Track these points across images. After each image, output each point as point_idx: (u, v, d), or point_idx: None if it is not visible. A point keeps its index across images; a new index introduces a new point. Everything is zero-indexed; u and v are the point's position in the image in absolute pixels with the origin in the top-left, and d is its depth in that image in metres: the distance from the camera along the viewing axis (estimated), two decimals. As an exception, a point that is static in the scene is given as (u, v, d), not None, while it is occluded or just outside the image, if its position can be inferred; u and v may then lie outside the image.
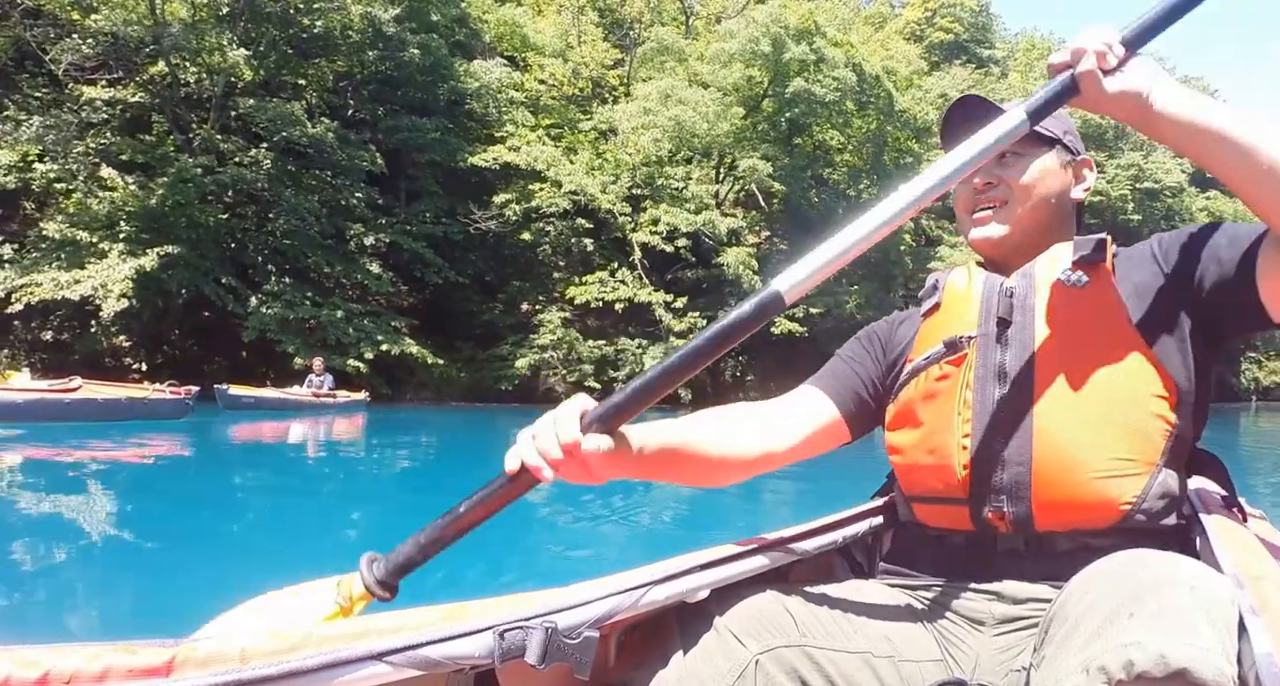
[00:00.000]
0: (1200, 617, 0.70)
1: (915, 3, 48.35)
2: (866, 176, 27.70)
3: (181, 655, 0.71)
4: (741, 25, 24.35)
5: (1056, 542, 1.10)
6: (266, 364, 19.70)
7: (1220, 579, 0.79)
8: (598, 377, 22.78)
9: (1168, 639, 0.68)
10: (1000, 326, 1.17)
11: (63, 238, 16.95)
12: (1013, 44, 54.21)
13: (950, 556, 1.19)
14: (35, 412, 8.48)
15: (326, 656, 0.76)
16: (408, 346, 19.89)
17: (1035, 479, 1.09)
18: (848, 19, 32.75)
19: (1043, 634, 0.85)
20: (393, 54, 21.17)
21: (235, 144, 19.58)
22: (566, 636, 0.91)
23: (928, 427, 1.20)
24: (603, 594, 0.97)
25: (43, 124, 17.37)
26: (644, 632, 1.11)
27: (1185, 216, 44.83)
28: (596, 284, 22.86)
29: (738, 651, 1.00)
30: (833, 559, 1.40)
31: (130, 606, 3.33)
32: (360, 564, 1.03)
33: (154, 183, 17.78)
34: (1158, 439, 1.07)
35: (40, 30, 18.57)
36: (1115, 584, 0.78)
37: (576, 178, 22.43)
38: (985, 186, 1.26)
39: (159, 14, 18.21)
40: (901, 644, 1.09)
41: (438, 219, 22.51)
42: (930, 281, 1.34)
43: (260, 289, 19.31)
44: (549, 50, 26.52)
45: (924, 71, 32.23)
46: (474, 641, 0.85)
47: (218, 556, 4.07)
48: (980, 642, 1.10)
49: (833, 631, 1.06)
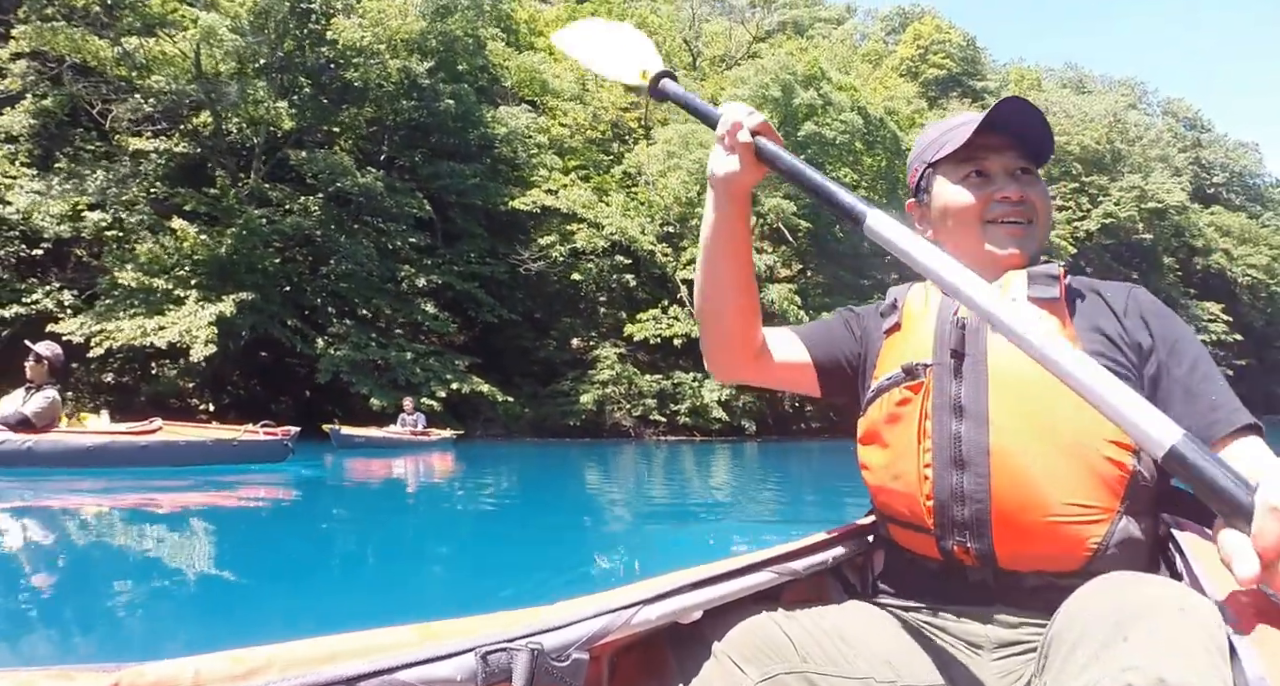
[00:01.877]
0: (1194, 640, 0.70)
1: (907, 40, 50.29)
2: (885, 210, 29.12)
3: (126, 680, 0.65)
4: (752, 72, 26.01)
5: (1024, 579, 1.09)
6: (332, 404, 20.16)
7: (1207, 602, 0.78)
8: (660, 411, 23.65)
9: (1166, 662, 0.67)
10: (955, 358, 1.16)
11: (139, 285, 17.90)
12: (1003, 75, 56.04)
13: (931, 580, 1.18)
14: (110, 457, 7.83)
15: (290, 681, 0.71)
16: (477, 385, 20.75)
17: (995, 516, 1.07)
18: (846, 57, 34.66)
19: (1042, 659, 0.83)
20: (428, 104, 22.42)
21: (283, 192, 20.66)
22: (554, 658, 0.86)
23: (893, 451, 1.19)
24: (592, 612, 0.92)
25: (107, 177, 18.52)
26: (637, 656, 1.07)
27: (1194, 232, 46.86)
28: (651, 321, 23.93)
29: (738, 679, 0.99)
30: (825, 579, 1.36)
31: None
32: (656, 70, 1.36)
33: (222, 232, 18.86)
34: (1116, 485, 1.05)
35: (90, 86, 19.77)
36: (1108, 608, 0.77)
37: (615, 220, 23.77)
38: (1020, 199, 1.23)
39: (204, 70, 19.46)
40: (902, 668, 1.08)
41: (482, 259, 23.50)
42: (890, 298, 1.32)
43: (325, 331, 20.26)
44: (567, 94, 27.84)
45: (924, 110, 33.88)
46: (454, 664, 0.80)
47: (374, 592, 3.93)
48: (980, 667, 1.08)
49: (833, 656, 1.05)
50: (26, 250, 18.67)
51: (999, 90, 50.05)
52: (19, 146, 19.00)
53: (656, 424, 23.91)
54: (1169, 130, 57.90)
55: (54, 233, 18.31)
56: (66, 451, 7.60)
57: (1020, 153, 1.23)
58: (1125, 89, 63.91)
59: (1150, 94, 67.19)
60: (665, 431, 23.99)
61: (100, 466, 7.75)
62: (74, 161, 19.31)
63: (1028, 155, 1.23)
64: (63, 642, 2.72)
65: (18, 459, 7.32)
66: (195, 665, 0.69)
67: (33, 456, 7.37)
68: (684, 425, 23.87)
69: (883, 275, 29.88)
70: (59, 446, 7.57)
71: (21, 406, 7.55)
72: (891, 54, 49.12)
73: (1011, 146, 1.23)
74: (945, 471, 1.11)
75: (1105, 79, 66.64)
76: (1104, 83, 65.32)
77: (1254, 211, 59.78)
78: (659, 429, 23.99)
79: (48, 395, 7.66)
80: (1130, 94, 62.60)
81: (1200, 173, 58.49)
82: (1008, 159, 1.23)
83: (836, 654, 1.05)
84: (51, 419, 7.67)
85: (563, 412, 22.91)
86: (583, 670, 0.88)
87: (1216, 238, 49.71)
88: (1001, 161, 1.23)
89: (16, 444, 7.30)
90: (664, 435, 23.87)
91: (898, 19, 57.83)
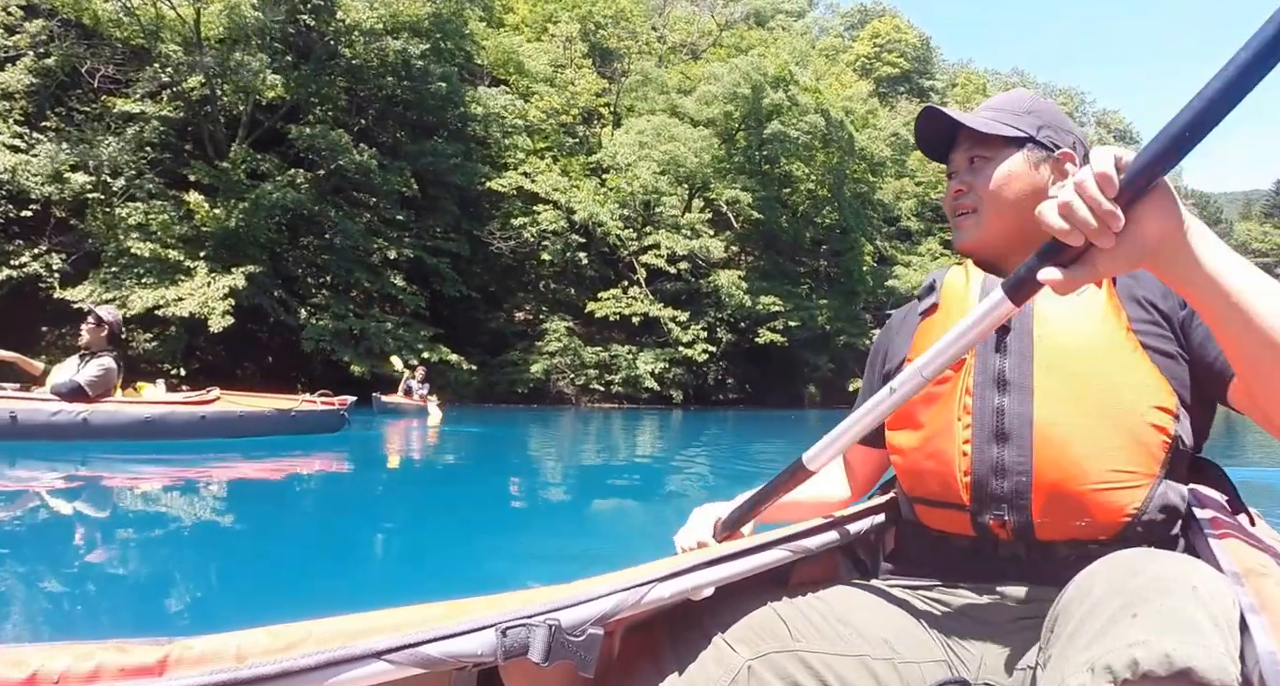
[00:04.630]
0: (1203, 616, 0.69)
1: (865, 38, 51.79)
2: (829, 204, 30.71)
3: (175, 653, 0.70)
4: (725, 71, 27.31)
5: (1057, 550, 1.10)
6: (296, 370, 20.82)
7: (1221, 578, 0.78)
8: (600, 380, 25.43)
9: (1172, 638, 0.66)
10: (999, 333, 1.15)
11: (152, 254, 18.32)
12: (952, 74, 58.04)
13: (953, 557, 1.18)
14: (168, 428, 7.47)
15: (326, 655, 0.75)
16: (445, 354, 21.92)
17: (1035, 488, 1.08)
18: (804, 51, 35.86)
19: (1048, 633, 0.82)
20: (419, 85, 23.06)
21: (272, 164, 21.05)
22: (570, 633, 0.90)
23: (928, 431, 1.19)
24: (606, 590, 0.96)
25: (115, 143, 18.78)
26: (637, 636, 1.11)
27: None
28: (612, 300, 25.66)
29: (730, 657, 1.00)
30: (836, 557, 1.38)
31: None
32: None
33: (233, 204, 19.38)
34: (1158, 450, 1.06)
35: (93, 47, 19.86)
36: (1119, 583, 0.76)
37: (587, 205, 25.01)
38: (957, 194, 1.26)
39: (205, 38, 19.75)
40: (901, 645, 1.08)
41: (446, 235, 24.41)
42: (927, 281, 1.33)
43: (306, 301, 21.01)
44: (540, 76, 28.54)
45: (877, 110, 35.42)
46: (476, 638, 0.84)
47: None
48: (985, 642, 1.09)
49: (828, 635, 1.06)
50: (15, 210, 18.59)
51: (945, 90, 51.94)
52: (14, 103, 18.95)
53: (594, 392, 25.77)
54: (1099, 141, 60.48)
55: (42, 194, 18.28)
56: (124, 422, 7.19)
57: (969, 142, 1.27)
58: (1065, 98, 66.86)
59: (1088, 104, 70.37)
60: (600, 399, 25.83)
61: (158, 438, 7.40)
62: (65, 122, 19.38)
63: (974, 142, 1.26)
64: (120, 614, 2.81)
65: (72, 431, 6.87)
66: (237, 640, 0.73)
67: (88, 428, 6.93)
68: (616, 394, 25.75)
69: (814, 262, 31.70)
70: (116, 417, 7.13)
71: (76, 375, 7.04)
72: (848, 50, 50.61)
73: (963, 139, 1.28)
74: (986, 446, 1.12)
75: (1047, 86, 69.52)
76: (1045, 90, 68.07)
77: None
78: (594, 396, 25.83)
79: (104, 363, 7.15)
80: (1069, 103, 65.42)
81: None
82: (959, 152, 1.28)
83: (832, 633, 1.06)
84: (107, 388, 7.17)
85: (511, 381, 24.46)
86: (597, 645, 0.91)
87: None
88: (957, 158, 1.29)
89: (71, 415, 6.86)
90: (598, 402, 25.69)
91: (858, 15, 59.29)
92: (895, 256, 34.99)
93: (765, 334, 26.97)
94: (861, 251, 31.77)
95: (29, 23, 19.14)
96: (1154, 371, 1.07)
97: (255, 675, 0.71)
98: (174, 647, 0.70)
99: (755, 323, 27.48)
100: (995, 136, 1.22)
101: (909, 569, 1.25)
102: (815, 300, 28.79)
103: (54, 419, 6.85)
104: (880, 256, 34.51)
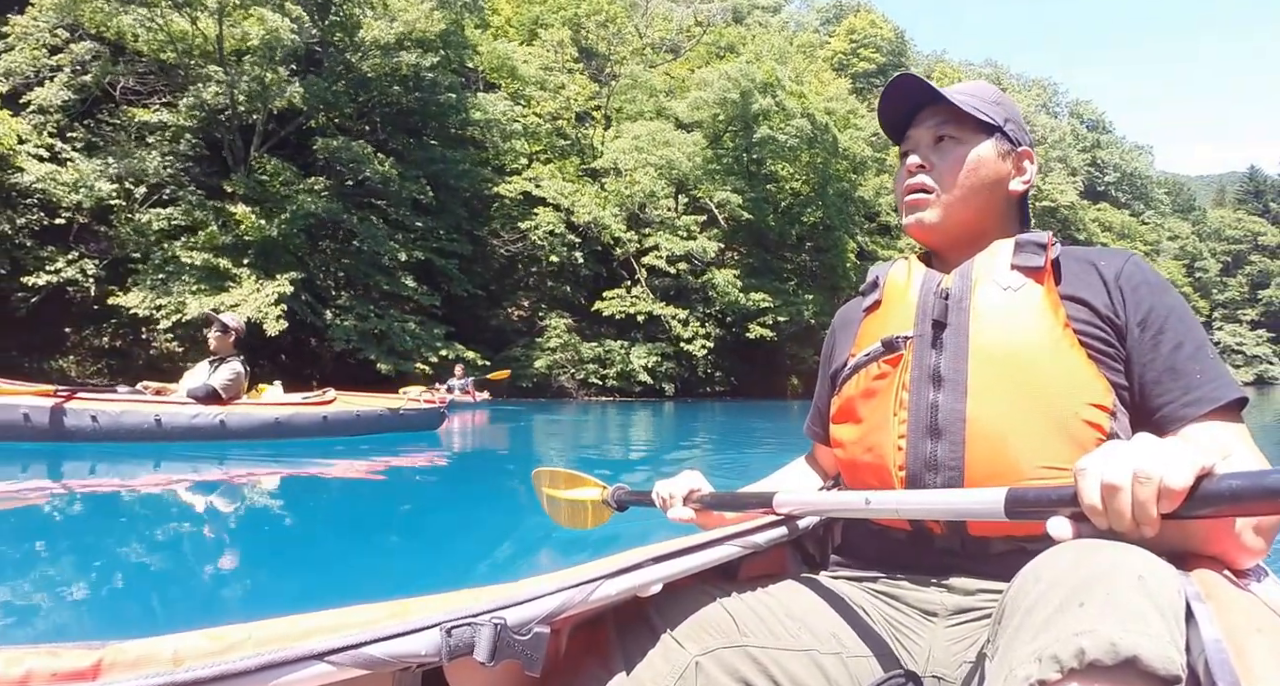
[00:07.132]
0: (1149, 606, 0.69)
1: (841, 34, 53.04)
2: (813, 203, 32.22)
3: (109, 657, 0.68)
4: (715, 76, 28.68)
5: (992, 545, 1.10)
6: (308, 366, 21.88)
7: (1167, 567, 0.76)
8: (597, 375, 26.93)
9: (1118, 627, 0.66)
10: (936, 328, 1.16)
11: (203, 263, 19.41)
12: (927, 66, 59.37)
13: (894, 551, 1.20)
14: (294, 428, 7.89)
15: (264, 657, 0.74)
16: (461, 351, 23.17)
17: (967, 483, 1.08)
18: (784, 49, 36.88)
19: (996, 624, 0.81)
20: (429, 95, 24.23)
21: (291, 172, 21.98)
22: (516, 632, 0.89)
23: (866, 425, 1.21)
24: (553, 588, 0.95)
25: (159, 154, 19.79)
26: (584, 634, 1.10)
27: (1079, 227, 52.11)
28: (616, 299, 27.16)
29: (677, 654, 1.00)
30: (785, 551, 1.40)
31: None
32: (612, 488, 1.56)
33: (275, 214, 20.56)
34: (1092, 447, 1.02)
35: (125, 63, 20.63)
36: (1065, 573, 0.75)
37: (591, 209, 26.42)
38: (917, 169, 1.23)
39: (226, 52, 20.64)
40: (849, 639, 1.08)
41: (451, 236, 25.59)
42: (871, 276, 1.32)
43: (330, 304, 22.17)
44: (533, 80, 29.52)
45: (858, 109, 36.82)
46: (420, 639, 0.83)
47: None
48: (933, 634, 1.09)
49: (776, 630, 1.06)
50: (47, 218, 19.46)
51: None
52: (48, 117, 19.76)
53: (591, 386, 27.30)
54: (1072, 131, 62.70)
55: (71, 202, 19.16)
56: (255, 423, 7.68)
57: (940, 119, 1.23)
58: (1039, 89, 68.45)
59: (1061, 94, 72.18)
60: (596, 392, 27.43)
61: (285, 437, 7.80)
62: (91, 133, 20.31)
63: (946, 120, 1.23)
64: (262, 606, 2.76)
65: (211, 432, 7.37)
66: (174, 643, 0.72)
67: (225, 429, 7.42)
68: (610, 387, 27.22)
69: (800, 258, 33.34)
70: (249, 419, 7.63)
71: (209, 379, 7.49)
72: (825, 46, 51.64)
73: (930, 116, 1.24)
74: (920, 441, 1.12)
75: (1021, 78, 71.09)
76: (1020, 82, 69.64)
77: (1136, 209, 65.70)
78: (591, 390, 27.37)
79: (234, 368, 7.61)
80: (1043, 94, 67.09)
81: (1094, 172, 63.54)
82: (924, 129, 1.25)
83: (780, 628, 1.06)
84: (238, 391, 7.66)
85: (516, 376, 25.61)
86: (543, 642, 0.90)
87: (1098, 232, 55.37)
88: (918, 134, 1.26)
89: (210, 418, 7.34)
90: (595, 396, 27.25)
91: (833, 10, 60.43)
92: (876, 251, 36.68)
93: (755, 329, 28.49)
94: (845, 247, 33.23)
95: (75, 44, 19.99)
96: (1091, 368, 1.06)
97: (191, 679, 0.70)
98: (108, 651, 0.69)
99: (745, 318, 28.85)
100: (971, 118, 1.21)
101: (854, 562, 1.26)
102: (802, 295, 30.28)
103: (194, 421, 7.32)
104: (861, 251, 36.08)
